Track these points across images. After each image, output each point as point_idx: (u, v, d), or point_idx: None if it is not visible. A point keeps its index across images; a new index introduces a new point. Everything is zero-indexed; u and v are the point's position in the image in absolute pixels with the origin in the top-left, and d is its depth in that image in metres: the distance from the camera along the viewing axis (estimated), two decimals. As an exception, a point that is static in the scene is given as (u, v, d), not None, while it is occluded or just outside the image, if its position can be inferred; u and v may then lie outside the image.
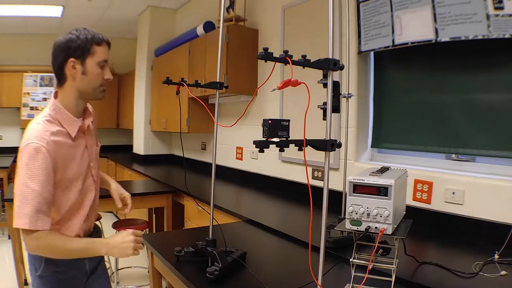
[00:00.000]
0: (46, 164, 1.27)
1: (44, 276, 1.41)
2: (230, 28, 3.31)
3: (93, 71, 1.38)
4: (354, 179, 1.19)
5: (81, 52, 1.35)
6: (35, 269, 1.42)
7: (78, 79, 1.37)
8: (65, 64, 1.35)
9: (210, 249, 1.51)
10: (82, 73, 1.37)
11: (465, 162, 2.05)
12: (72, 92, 1.39)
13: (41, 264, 1.41)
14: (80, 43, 1.34)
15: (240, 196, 3.18)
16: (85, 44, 1.35)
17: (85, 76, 1.37)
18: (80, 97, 1.41)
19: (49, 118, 1.36)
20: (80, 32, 1.37)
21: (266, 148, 0.92)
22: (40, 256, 1.38)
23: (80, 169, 1.42)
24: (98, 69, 1.39)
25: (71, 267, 1.44)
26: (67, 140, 1.37)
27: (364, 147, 2.55)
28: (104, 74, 1.42)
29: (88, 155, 1.47)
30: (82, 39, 1.35)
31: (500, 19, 1.71)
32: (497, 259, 1.54)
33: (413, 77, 2.31)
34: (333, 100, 1.12)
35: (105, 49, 1.42)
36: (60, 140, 1.34)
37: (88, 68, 1.37)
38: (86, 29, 1.39)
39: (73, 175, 1.39)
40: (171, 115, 4.40)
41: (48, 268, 1.41)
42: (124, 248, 1.33)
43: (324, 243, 0.99)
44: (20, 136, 6.39)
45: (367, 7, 2.34)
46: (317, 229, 1.02)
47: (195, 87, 1.64)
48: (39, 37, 6.32)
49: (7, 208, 2.84)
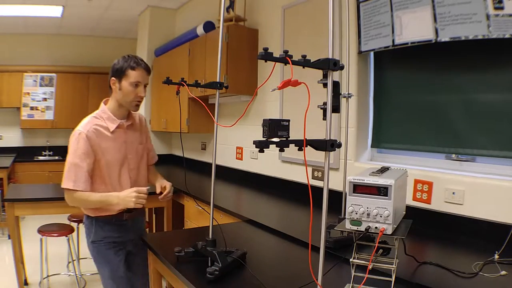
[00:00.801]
0: (85, 145, 1.78)
1: (95, 241, 1.91)
2: (230, 28, 3.31)
3: (126, 89, 1.83)
4: (354, 179, 1.19)
5: (118, 73, 1.83)
6: (88, 236, 1.93)
7: (117, 93, 1.86)
8: (110, 81, 1.86)
9: (210, 249, 1.51)
10: (119, 89, 1.84)
11: (465, 162, 2.05)
12: (114, 101, 1.90)
13: (92, 231, 1.90)
14: (118, 67, 1.83)
15: (240, 196, 3.18)
16: (122, 68, 1.82)
17: (121, 91, 1.84)
18: (119, 106, 1.89)
19: (96, 116, 1.88)
20: (125, 58, 1.84)
21: (266, 148, 0.92)
22: (92, 224, 1.90)
23: (117, 156, 1.88)
24: (130, 88, 1.83)
25: (118, 234, 1.92)
26: (106, 132, 1.85)
27: (364, 147, 2.55)
28: (137, 92, 1.85)
29: (125, 148, 1.92)
30: (121, 64, 1.83)
31: (500, 19, 1.71)
32: (497, 259, 1.54)
33: (413, 77, 2.31)
34: (333, 100, 1.11)
35: (139, 73, 1.83)
36: (100, 131, 1.83)
37: (123, 86, 1.84)
38: (132, 56, 1.85)
39: (111, 160, 1.85)
40: (171, 115, 4.40)
41: (98, 235, 1.90)
42: (128, 201, 1.76)
43: (324, 243, 0.99)
44: (20, 136, 6.40)
45: (367, 7, 2.34)
46: (317, 229, 1.02)
47: (195, 87, 1.64)
48: (39, 37, 6.32)
49: (7, 208, 2.84)
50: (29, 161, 6.02)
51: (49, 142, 6.45)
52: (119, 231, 1.93)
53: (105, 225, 1.90)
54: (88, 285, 3.38)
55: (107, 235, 1.91)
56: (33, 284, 3.30)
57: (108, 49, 6.69)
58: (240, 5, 3.50)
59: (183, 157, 4.70)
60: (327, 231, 1.61)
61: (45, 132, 6.47)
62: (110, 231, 1.91)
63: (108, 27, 6.03)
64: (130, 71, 1.81)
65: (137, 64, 1.83)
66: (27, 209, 2.88)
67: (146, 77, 1.87)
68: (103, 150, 1.83)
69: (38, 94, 6.15)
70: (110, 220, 1.91)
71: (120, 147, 1.90)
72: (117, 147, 1.88)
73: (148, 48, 5.11)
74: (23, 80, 6.02)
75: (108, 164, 1.85)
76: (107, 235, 1.91)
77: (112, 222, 1.91)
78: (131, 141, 1.96)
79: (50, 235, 3.03)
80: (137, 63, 1.83)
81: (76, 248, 3.49)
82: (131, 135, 1.97)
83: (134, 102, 1.86)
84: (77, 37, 6.52)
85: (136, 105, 1.89)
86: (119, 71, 1.82)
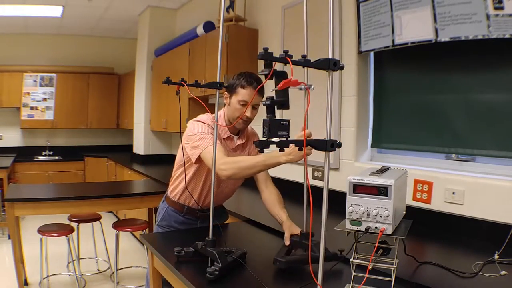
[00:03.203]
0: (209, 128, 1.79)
1: (160, 225, 2.03)
2: (230, 28, 3.31)
3: (234, 105, 1.82)
4: (354, 179, 1.19)
5: (231, 89, 1.83)
6: (157, 219, 2.07)
7: (227, 106, 1.88)
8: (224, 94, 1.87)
9: (210, 249, 1.51)
10: (228, 104, 1.86)
11: (465, 162, 2.05)
12: (225, 113, 1.90)
13: (161, 216, 2.03)
14: (232, 83, 1.83)
15: (240, 196, 3.17)
16: (234, 85, 1.81)
17: (230, 106, 1.85)
18: (228, 119, 1.89)
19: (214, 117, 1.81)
20: (240, 75, 1.82)
21: (266, 148, 0.92)
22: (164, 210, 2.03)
23: None
24: (238, 105, 1.80)
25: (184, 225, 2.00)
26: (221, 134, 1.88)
27: (364, 147, 2.55)
28: (245, 111, 1.80)
29: None
30: (234, 81, 1.82)
31: (500, 19, 1.71)
32: (497, 259, 1.54)
33: (413, 77, 2.31)
34: (279, 94, 1.10)
35: (248, 92, 1.78)
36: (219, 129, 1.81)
37: (232, 102, 1.83)
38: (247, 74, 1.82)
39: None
40: (171, 115, 4.40)
41: (164, 221, 2.02)
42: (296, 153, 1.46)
43: (324, 243, 0.99)
44: (20, 136, 6.40)
45: (367, 7, 2.34)
46: (317, 229, 1.02)
47: (195, 87, 1.64)
48: (39, 37, 6.32)
49: (7, 208, 2.84)
50: (29, 161, 6.02)
51: (49, 142, 6.45)
52: (186, 222, 1.99)
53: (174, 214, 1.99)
54: (88, 285, 3.38)
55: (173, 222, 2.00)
56: (33, 284, 3.30)
57: (108, 49, 6.70)
58: (240, 5, 3.50)
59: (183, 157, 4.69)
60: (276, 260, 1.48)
61: (45, 132, 6.47)
62: (177, 223, 2.00)
63: (108, 27, 6.03)
64: (240, 89, 1.79)
65: (248, 83, 1.78)
66: (27, 209, 2.88)
67: (257, 98, 1.79)
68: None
69: (38, 94, 6.15)
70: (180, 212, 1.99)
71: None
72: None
73: (148, 48, 5.11)
74: (23, 80, 6.02)
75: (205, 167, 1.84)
76: (173, 221, 2.00)
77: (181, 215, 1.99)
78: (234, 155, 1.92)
79: (50, 235, 3.02)
80: (248, 82, 1.78)
81: (76, 248, 3.49)
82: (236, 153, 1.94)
83: (240, 120, 1.82)
84: (77, 37, 6.52)
85: (243, 123, 1.86)
86: (231, 86, 1.82)
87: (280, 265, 1.46)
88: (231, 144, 1.93)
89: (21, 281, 3.02)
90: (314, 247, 1.44)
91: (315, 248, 1.43)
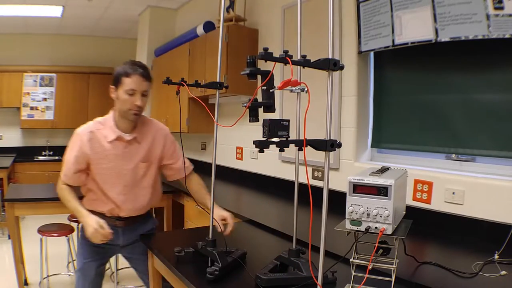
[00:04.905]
0: (80, 146, 1.75)
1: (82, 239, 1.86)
2: (230, 28, 3.31)
3: (122, 97, 1.73)
4: (354, 179, 1.19)
5: (115, 82, 1.74)
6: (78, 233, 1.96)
7: (115, 101, 1.78)
8: (110, 90, 1.77)
9: (210, 249, 1.51)
10: (116, 98, 1.76)
11: (465, 162, 2.05)
12: (116, 110, 1.80)
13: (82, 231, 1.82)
14: (115, 75, 1.74)
15: (240, 196, 3.18)
16: (118, 76, 1.73)
17: (118, 100, 1.75)
18: (120, 115, 1.79)
19: (101, 121, 1.83)
20: (122, 65, 1.74)
21: (266, 148, 0.92)
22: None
23: (110, 168, 1.79)
24: (126, 96, 1.71)
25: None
26: (103, 141, 1.77)
27: (364, 147, 2.55)
28: (134, 100, 1.72)
29: (121, 163, 1.80)
30: (117, 72, 1.74)
31: (500, 19, 1.71)
32: (497, 259, 1.54)
33: (413, 77, 2.31)
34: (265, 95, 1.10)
35: (134, 80, 1.70)
36: (97, 138, 1.77)
37: (119, 95, 1.74)
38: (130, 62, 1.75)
39: (103, 170, 1.78)
40: (171, 115, 4.39)
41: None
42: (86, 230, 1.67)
43: (324, 243, 0.99)
44: (20, 136, 6.39)
45: (367, 7, 2.34)
46: (317, 229, 1.02)
47: (195, 87, 1.64)
48: (39, 37, 6.32)
49: (7, 208, 2.84)
50: (29, 161, 6.02)
51: (49, 142, 6.45)
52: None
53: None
54: (88, 285, 3.38)
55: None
56: (33, 284, 3.30)
57: (108, 49, 6.69)
58: (240, 5, 3.50)
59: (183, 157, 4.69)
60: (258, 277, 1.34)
61: (45, 132, 6.47)
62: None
63: (108, 27, 6.03)
64: (125, 79, 1.70)
65: (133, 70, 1.70)
66: (27, 209, 2.88)
67: (143, 84, 1.72)
68: (96, 158, 1.77)
69: (38, 94, 6.15)
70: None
71: (113, 161, 1.79)
72: (110, 160, 1.78)
73: (148, 48, 5.11)
74: (23, 80, 6.02)
75: (100, 174, 1.79)
76: None
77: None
78: (129, 156, 1.82)
79: (50, 235, 3.02)
80: (133, 69, 1.70)
81: (76, 248, 3.49)
82: (132, 150, 1.83)
83: (131, 111, 1.73)
84: (77, 37, 6.52)
85: (135, 115, 1.75)
86: (116, 78, 1.73)
87: (260, 283, 1.32)
88: (121, 146, 1.80)
89: (21, 281, 3.02)
90: (302, 267, 1.35)
91: (302, 267, 1.35)
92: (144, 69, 1.74)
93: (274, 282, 1.33)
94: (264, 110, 1.09)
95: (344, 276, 1.35)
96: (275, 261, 1.48)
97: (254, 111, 1.09)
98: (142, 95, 1.74)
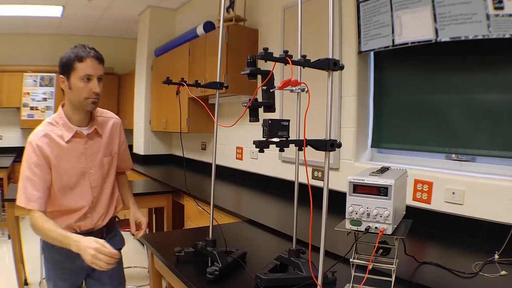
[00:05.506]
0: (36, 157, 1.48)
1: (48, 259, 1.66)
2: (230, 28, 3.31)
3: (76, 86, 1.50)
4: (354, 179, 1.19)
5: (66, 69, 1.50)
6: (42, 251, 1.67)
7: (67, 93, 1.55)
8: (59, 80, 1.54)
9: (210, 249, 1.51)
10: (68, 87, 1.53)
11: (465, 162, 2.05)
12: (67, 103, 1.58)
13: (45, 250, 1.64)
14: (64, 62, 1.50)
15: (240, 196, 3.18)
16: (68, 62, 1.49)
17: (71, 90, 1.52)
18: (74, 108, 1.57)
19: (52, 121, 1.57)
20: (70, 50, 1.50)
21: (266, 148, 0.92)
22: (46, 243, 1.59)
23: (74, 170, 1.58)
24: (81, 84, 1.50)
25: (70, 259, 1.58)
26: (60, 141, 1.54)
27: (364, 147, 2.55)
28: (90, 87, 1.52)
29: (85, 162, 1.61)
30: (66, 57, 1.49)
31: (500, 19, 1.71)
32: (497, 259, 1.54)
33: (413, 77, 2.31)
34: (265, 95, 1.10)
35: (88, 64, 1.49)
36: (53, 140, 1.53)
37: (72, 83, 1.51)
38: (78, 46, 1.52)
39: (66, 174, 1.56)
40: (171, 115, 4.40)
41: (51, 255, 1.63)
42: (85, 255, 1.33)
43: (324, 243, 0.99)
44: (20, 136, 6.39)
45: (367, 7, 2.34)
46: (317, 229, 1.02)
47: (195, 87, 1.64)
48: (39, 37, 6.32)
49: (7, 208, 2.84)
50: (29, 161, 6.01)
51: (49, 142, 6.44)
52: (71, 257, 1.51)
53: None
54: (88, 285, 3.38)
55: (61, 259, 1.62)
56: (33, 284, 3.30)
57: (108, 49, 6.65)
58: (240, 5, 3.50)
59: (183, 157, 4.70)
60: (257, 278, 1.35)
61: (45, 132, 6.47)
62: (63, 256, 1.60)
63: (108, 27, 6.03)
64: (78, 64, 1.47)
65: (86, 53, 1.48)
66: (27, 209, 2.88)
67: (99, 67, 1.52)
68: (57, 162, 1.53)
69: (38, 94, 6.14)
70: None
71: (78, 160, 1.58)
72: (72, 161, 1.57)
73: (148, 48, 5.11)
74: (23, 80, 6.02)
75: (61, 180, 1.55)
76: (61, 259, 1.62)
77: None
78: (92, 153, 1.63)
79: (50, 235, 3.02)
80: (85, 52, 1.48)
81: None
82: (94, 146, 1.63)
83: (89, 100, 1.52)
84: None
85: (93, 103, 1.54)
86: (66, 66, 1.49)
87: (260, 283, 1.32)
88: (81, 142, 1.59)
89: (21, 281, 3.02)
90: (302, 267, 1.35)
91: (302, 268, 1.35)
92: (97, 51, 1.54)
93: (274, 282, 1.33)
94: (264, 110, 1.09)
95: (344, 276, 1.35)
96: (275, 261, 1.48)
97: (254, 111, 1.09)
98: (98, 80, 1.53)
